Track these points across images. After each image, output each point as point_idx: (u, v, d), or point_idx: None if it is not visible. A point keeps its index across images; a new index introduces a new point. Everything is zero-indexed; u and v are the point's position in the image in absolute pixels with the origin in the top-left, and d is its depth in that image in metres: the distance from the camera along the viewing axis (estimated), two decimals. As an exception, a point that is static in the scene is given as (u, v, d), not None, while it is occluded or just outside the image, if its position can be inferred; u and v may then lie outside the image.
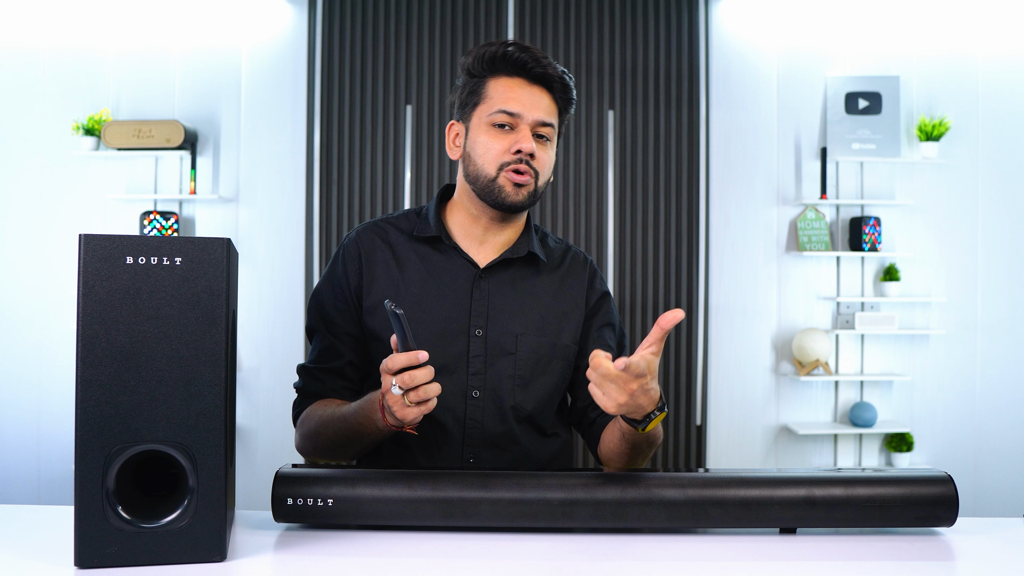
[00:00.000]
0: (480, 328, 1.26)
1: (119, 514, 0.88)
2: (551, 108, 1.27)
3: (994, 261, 3.31)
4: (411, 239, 1.31)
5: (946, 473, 1.06)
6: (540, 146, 1.25)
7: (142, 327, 0.88)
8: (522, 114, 1.23)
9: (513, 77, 1.26)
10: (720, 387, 3.30)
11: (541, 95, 1.26)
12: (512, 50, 1.25)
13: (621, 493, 1.03)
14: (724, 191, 3.29)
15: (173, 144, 3.11)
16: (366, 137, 3.24)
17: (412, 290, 1.28)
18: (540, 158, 1.25)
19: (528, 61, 1.24)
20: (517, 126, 1.24)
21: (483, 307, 1.27)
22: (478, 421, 1.25)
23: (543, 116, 1.25)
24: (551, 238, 1.40)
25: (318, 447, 1.24)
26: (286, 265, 3.25)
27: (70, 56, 3.25)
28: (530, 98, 1.25)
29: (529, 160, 1.23)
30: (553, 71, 1.26)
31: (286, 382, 3.24)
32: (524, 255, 1.31)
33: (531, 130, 1.24)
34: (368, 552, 0.97)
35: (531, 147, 1.22)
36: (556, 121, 1.28)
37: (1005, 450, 3.29)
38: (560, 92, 1.28)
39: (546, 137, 1.26)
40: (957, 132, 3.29)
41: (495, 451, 1.26)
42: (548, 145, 1.27)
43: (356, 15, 3.25)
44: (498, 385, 1.26)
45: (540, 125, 1.25)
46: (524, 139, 1.22)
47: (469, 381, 1.25)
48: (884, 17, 3.32)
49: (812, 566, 0.94)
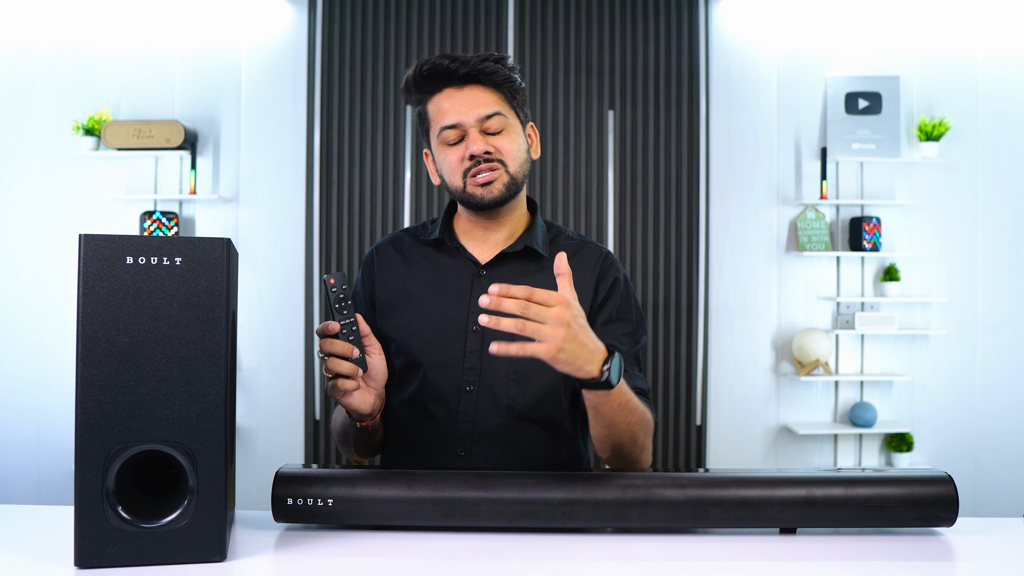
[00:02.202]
0: (477, 325, 1.26)
1: (119, 514, 0.88)
2: (490, 99, 1.26)
3: (994, 261, 3.31)
4: (421, 243, 1.36)
5: (946, 473, 1.06)
6: (495, 138, 1.26)
7: (142, 327, 0.88)
8: (462, 120, 1.25)
9: (442, 90, 1.27)
10: (720, 387, 3.30)
11: (475, 92, 1.26)
12: (427, 67, 1.26)
13: (621, 493, 1.03)
14: (724, 191, 3.29)
15: (173, 144, 3.11)
16: (366, 137, 3.24)
17: (417, 290, 1.32)
18: (501, 147, 1.25)
19: (447, 66, 1.25)
20: (465, 133, 1.26)
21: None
22: (469, 415, 1.26)
23: (483, 111, 1.25)
24: (566, 235, 1.39)
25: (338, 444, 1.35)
26: (286, 265, 3.25)
27: (70, 56, 3.25)
28: (463, 101, 1.25)
29: (488, 157, 1.24)
30: (474, 66, 1.25)
31: (286, 382, 3.25)
32: (521, 250, 1.31)
33: (479, 128, 1.25)
34: (368, 552, 0.97)
35: (480, 148, 1.23)
36: (503, 108, 1.27)
37: (1005, 450, 3.29)
38: (493, 80, 1.27)
39: (498, 129, 1.26)
40: (957, 132, 3.29)
41: (487, 446, 1.26)
42: (505, 134, 1.26)
43: (356, 15, 3.25)
44: (493, 380, 1.26)
45: (484, 120, 1.25)
46: (472, 143, 1.24)
47: (464, 376, 1.26)
48: (884, 17, 3.32)
49: (812, 566, 0.94)
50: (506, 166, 1.26)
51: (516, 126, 1.29)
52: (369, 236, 3.23)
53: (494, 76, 1.26)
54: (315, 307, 3.23)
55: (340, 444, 1.34)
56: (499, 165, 1.25)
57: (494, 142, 1.25)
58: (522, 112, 1.32)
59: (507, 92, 1.28)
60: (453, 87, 1.26)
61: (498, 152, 1.25)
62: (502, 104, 1.27)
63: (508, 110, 1.28)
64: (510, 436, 1.27)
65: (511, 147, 1.26)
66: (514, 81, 1.29)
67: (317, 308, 3.23)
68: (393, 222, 3.24)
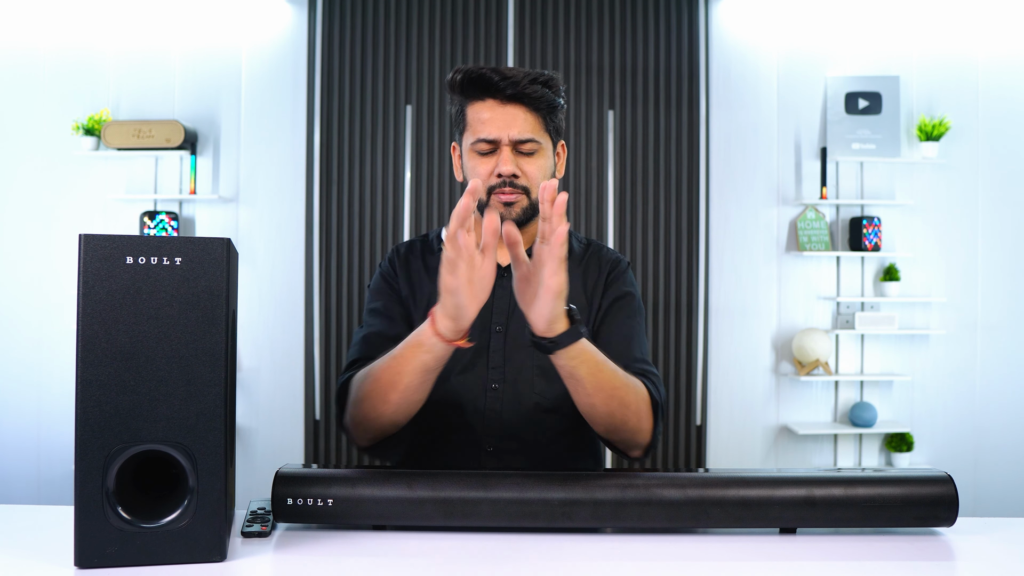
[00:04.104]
0: (500, 324, 1.30)
1: (119, 514, 0.88)
2: (528, 122, 1.27)
3: (994, 261, 3.31)
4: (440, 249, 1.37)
5: (946, 473, 1.06)
6: (525, 160, 1.27)
7: (142, 327, 0.88)
8: (499, 137, 1.26)
9: (485, 100, 1.27)
10: (720, 387, 3.30)
11: (516, 111, 1.26)
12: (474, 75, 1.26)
13: (621, 493, 1.03)
14: (724, 191, 3.29)
15: (173, 144, 3.11)
16: (366, 137, 3.24)
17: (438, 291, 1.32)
18: (527, 172, 1.27)
19: (496, 82, 1.26)
20: (498, 148, 1.27)
21: (505, 304, 1.31)
22: (496, 411, 1.28)
23: (520, 134, 1.26)
24: (575, 237, 1.42)
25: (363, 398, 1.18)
26: (286, 265, 3.25)
27: (70, 56, 3.25)
28: (504, 118, 1.26)
29: (515, 180, 1.26)
30: (522, 88, 1.25)
31: (286, 382, 3.25)
32: None
33: (512, 148, 1.26)
34: (368, 552, 0.97)
35: (511, 169, 1.25)
36: (539, 134, 1.28)
37: (1005, 450, 3.29)
38: (537, 105, 1.27)
39: (530, 151, 1.27)
40: (957, 132, 3.29)
41: (516, 441, 1.29)
42: (535, 157, 1.28)
43: (356, 15, 3.25)
44: (518, 377, 1.29)
45: (520, 143, 1.26)
46: (504, 162, 1.25)
47: (489, 375, 1.29)
48: (884, 17, 3.32)
49: (812, 566, 0.94)
50: (528, 193, 1.27)
51: (548, 149, 1.31)
52: (369, 236, 3.23)
53: (539, 101, 1.27)
54: (315, 307, 3.23)
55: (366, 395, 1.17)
56: (522, 192, 1.27)
57: (523, 165, 1.27)
58: (556, 133, 1.33)
59: (546, 115, 1.29)
60: (496, 100, 1.27)
61: (524, 177, 1.27)
62: (538, 128, 1.28)
63: (543, 134, 1.29)
64: (536, 431, 1.29)
65: (538, 173, 1.28)
66: (557, 106, 1.30)
67: (317, 308, 3.23)
68: (393, 222, 3.24)
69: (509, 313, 1.31)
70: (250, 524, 1.03)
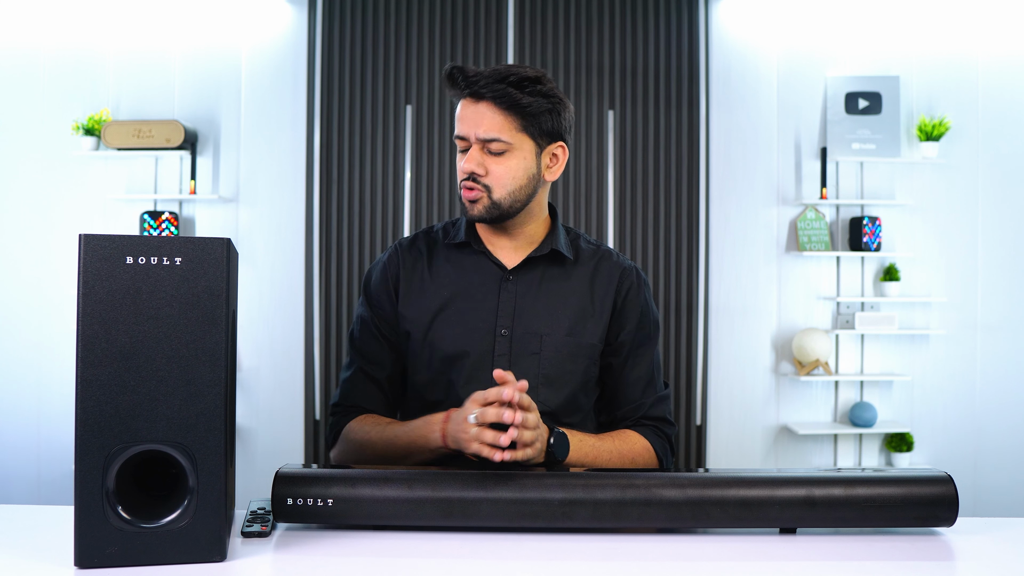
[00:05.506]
0: (505, 328, 1.31)
1: (119, 514, 0.88)
2: (496, 122, 1.24)
3: (994, 261, 3.31)
4: (445, 246, 1.38)
5: (946, 473, 1.06)
6: (493, 160, 1.27)
7: (142, 327, 0.88)
8: (467, 135, 1.27)
9: (464, 98, 1.28)
10: (720, 387, 3.30)
11: (485, 110, 1.25)
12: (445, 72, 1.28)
13: (621, 493, 1.03)
14: (724, 191, 3.29)
15: (173, 144, 3.11)
16: (366, 137, 3.24)
17: (443, 292, 1.34)
18: (492, 171, 1.27)
19: (458, 80, 1.26)
20: (469, 145, 1.28)
21: (510, 307, 1.32)
22: None
23: (486, 133, 1.25)
24: (584, 239, 1.43)
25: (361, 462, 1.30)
26: (286, 265, 3.25)
27: (70, 56, 3.25)
28: (473, 116, 1.26)
29: (477, 177, 1.26)
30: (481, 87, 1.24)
31: (286, 382, 3.25)
32: (548, 253, 1.35)
33: (482, 147, 1.26)
34: (368, 552, 0.97)
35: (471, 167, 1.26)
36: (509, 134, 1.25)
37: (1005, 450, 3.29)
38: (503, 104, 1.24)
39: (498, 151, 1.26)
40: (957, 132, 3.29)
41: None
42: (503, 158, 1.26)
43: (356, 15, 3.25)
44: None
45: (487, 142, 1.25)
46: (468, 159, 1.27)
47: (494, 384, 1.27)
48: (884, 17, 3.32)
49: (812, 566, 0.94)
50: (490, 191, 1.27)
51: (523, 151, 1.27)
52: (369, 236, 3.23)
53: (503, 100, 1.24)
54: (315, 307, 3.23)
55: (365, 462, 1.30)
56: (483, 190, 1.27)
57: (489, 164, 1.26)
58: (543, 134, 1.29)
59: (519, 116, 1.26)
60: (470, 99, 1.27)
61: (488, 176, 1.27)
62: (509, 128, 1.25)
63: (516, 134, 1.26)
64: None
65: (504, 173, 1.26)
66: (528, 107, 1.25)
67: (317, 308, 3.23)
68: (393, 222, 3.24)
69: (514, 316, 1.31)
70: (250, 524, 1.03)
